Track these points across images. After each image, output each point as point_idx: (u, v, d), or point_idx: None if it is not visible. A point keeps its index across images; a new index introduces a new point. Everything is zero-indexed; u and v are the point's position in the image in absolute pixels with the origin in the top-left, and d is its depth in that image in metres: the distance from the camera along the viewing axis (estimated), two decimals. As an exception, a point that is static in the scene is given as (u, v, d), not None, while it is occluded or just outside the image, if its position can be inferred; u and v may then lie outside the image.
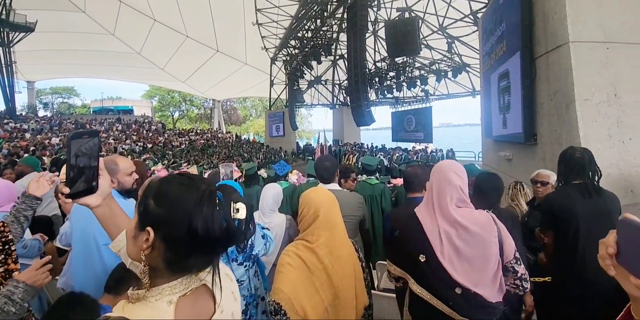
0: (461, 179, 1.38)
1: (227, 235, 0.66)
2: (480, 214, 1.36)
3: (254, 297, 1.66)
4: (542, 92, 3.65)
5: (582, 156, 2.03)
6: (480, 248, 1.29)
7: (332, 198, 1.38)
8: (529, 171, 4.06)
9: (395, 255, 1.50)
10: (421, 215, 1.40)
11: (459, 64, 14.91)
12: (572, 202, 1.93)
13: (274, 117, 23.05)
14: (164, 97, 42.80)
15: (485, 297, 1.26)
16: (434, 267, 1.30)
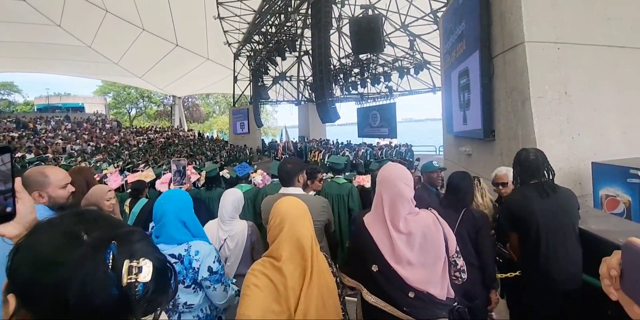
0: (410, 188, 1.39)
1: (117, 308, 0.48)
2: (426, 216, 1.39)
3: (209, 318, 1.54)
4: (499, 90, 3.78)
5: (535, 158, 2.09)
6: (430, 250, 1.35)
7: (300, 210, 1.28)
8: (488, 166, 4.21)
9: (348, 266, 1.50)
10: (370, 225, 1.39)
11: (420, 61, 15.33)
12: (530, 202, 1.99)
13: (238, 114, 22.49)
14: (119, 93, 40.26)
15: (436, 295, 1.32)
16: (387, 275, 1.32)
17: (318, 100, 13.39)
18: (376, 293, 1.35)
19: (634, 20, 3.44)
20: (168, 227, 1.49)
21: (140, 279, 0.49)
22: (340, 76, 17.62)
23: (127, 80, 31.11)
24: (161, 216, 1.52)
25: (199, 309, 1.53)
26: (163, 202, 1.53)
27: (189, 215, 1.56)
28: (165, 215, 1.50)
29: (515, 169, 2.19)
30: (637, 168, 2.78)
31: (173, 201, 1.54)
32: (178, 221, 1.51)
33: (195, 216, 1.59)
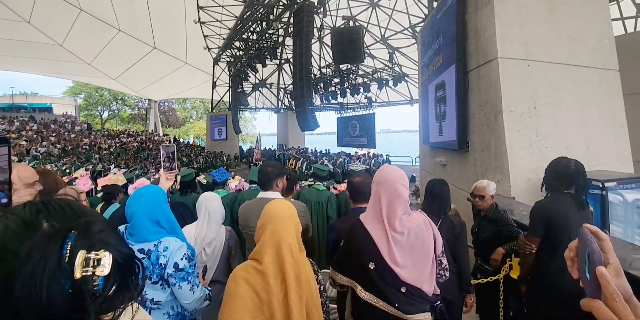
0: (407, 189, 1.47)
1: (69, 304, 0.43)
2: (418, 217, 1.47)
3: (181, 316, 1.50)
4: (473, 102, 3.93)
5: (576, 168, 1.99)
6: (422, 249, 1.42)
7: (286, 213, 1.27)
8: (462, 176, 4.35)
9: (341, 265, 1.51)
10: (368, 224, 1.44)
11: (399, 74, 15.78)
12: (567, 210, 1.89)
13: (216, 119, 22.17)
14: (91, 94, 38.75)
15: (425, 291, 1.40)
16: (383, 272, 1.38)
17: (298, 109, 13.45)
18: (370, 290, 1.40)
19: (596, 41, 3.69)
20: (139, 228, 1.46)
21: (98, 272, 0.45)
22: (321, 85, 17.82)
23: (100, 82, 30.02)
24: (131, 217, 1.49)
25: (169, 306, 1.48)
26: (133, 202, 1.50)
27: (162, 213, 1.51)
28: (135, 215, 1.47)
29: (549, 175, 2.08)
30: (598, 179, 2.95)
31: (144, 201, 1.49)
32: (149, 221, 1.48)
33: (170, 212, 1.55)
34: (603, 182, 2.97)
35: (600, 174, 3.16)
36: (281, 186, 2.03)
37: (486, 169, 3.66)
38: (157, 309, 1.47)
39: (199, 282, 1.54)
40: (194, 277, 1.50)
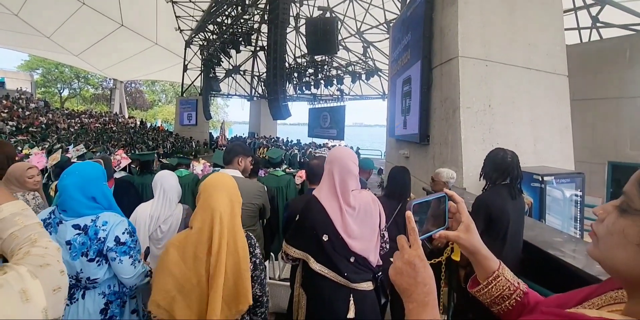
0: (356, 166, 1.59)
1: None
2: (367, 195, 1.62)
3: (117, 295, 1.48)
4: (435, 98, 4.12)
5: (512, 160, 2.05)
6: (370, 222, 1.56)
7: (219, 183, 1.32)
8: (422, 168, 4.56)
9: (295, 239, 1.58)
10: (323, 199, 1.54)
11: (372, 68, 15.96)
12: (504, 202, 1.97)
13: (186, 104, 21.48)
14: (50, 70, 35.99)
15: (371, 261, 1.54)
16: (335, 243, 1.49)
17: (270, 97, 13.33)
18: (322, 261, 1.51)
19: (549, 47, 3.97)
20: (70, 201, 1.40)
21: None
22: (295, 75, 17.71)
23: (61, 58, 27.98)
24: (62, 190, 1.41)
25: (105, 285, 1.46)
26: (65, 176, 1.43)
27: (96, 188, 1.47)
28: (66, 189, 1.40)
29: (487, 167, 2.13)
30: (538, 174, 3.23)
31: (78, 175, 1.43)
32: (83, 196, 1.42)
33: (108, 190, 1.52)
34: (542, 176, 3.25)
35: (541, 169, 3.46)
36: (243, 165, 2.07)
37: (443, 162, 3.87)
38: (93, 288, 1.43)
39: (140, 258, 1.52)
40: (135, 252, 1.48)
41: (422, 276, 0.59)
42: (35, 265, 0.63)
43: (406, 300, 0.60)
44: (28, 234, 0.72)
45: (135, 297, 1.57)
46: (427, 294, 0.58)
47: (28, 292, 0.58)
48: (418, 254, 0.60)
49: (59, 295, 0.64)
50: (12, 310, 0.54)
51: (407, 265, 0.60)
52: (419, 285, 0.58)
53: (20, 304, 0.56)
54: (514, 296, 0.69)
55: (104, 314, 1.41)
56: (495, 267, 0.72)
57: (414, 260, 0.59)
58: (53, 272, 0.66)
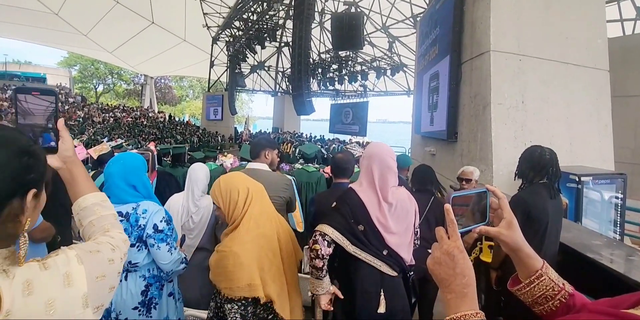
0: (395, 162, 1.60)
1: None
2: (404, 192, 1.62)
3: (156, 279, 1.56)
4: (465, 94, 4.01)
5: (550, 157, 1.97)
6: (405, 219, 1.57)
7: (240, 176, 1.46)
8: (449, 166, 4.47)
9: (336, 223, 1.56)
10: (361, 192, 1.56)
11: (397, 63, 15.69)
12: (543, 201, 1.91)
13: (212, 99, 21.94)
14: (86, 67, 37.80)
15: (404, 258, 1.55)
16: (370, 235, 1.51)
17: (294, 92, 13.39)
18: (356, 245, 1.53)
19: (589, 41, 3.77)
20: (114, 188, 1.50)
21: None
22: (319, 71, 17.67)
23: (96, 54, 29.29)
24: (108, 178, 1.53)
25: (145, 269, 1.55)
26: (111, 164, 1.54)
27: (138, 178, 1.56)
28: (111, 177, 1.51)
29: (523, 165, 2.04)
30: (575, 174, 3.09)
31: (121, 164, 1.54)
32: (125, 184, 1.52)
33: (147, 180, 1.60)
34: (579, 177, 3.10)
35: (578, 169, 3.30)
36: (270, 158, 2.10)
37: (472, 159, 3.77)
38: (134, 271, 1.53)
39: (176, 246, 1.60)
40: (172, 240, 1.56)
41: (461, 267, 0.59)
42: (85, 251, 0.64)
43: (444, 290, 0.60)
44: (103, 223, 0.78)
45: (172, 281, 1.65)
46: (465, 286, 0.59)
47: (71, 277, 0.59)
48: (457, 245, 0.61)
49: (102, 283, 0.63)
50: (54, 293, 0.56)
51: (446, 256, 0.60)
52: (458, 276, 0.59)
53: (62, 288, 0.57)
54: (558, 297, 0.67)
55: (144, 295, 1.50)
56: (539, 266, 0.70)
57: (452, 251, 0.60)
58: (101, 260, 0.66)
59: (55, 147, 0.75)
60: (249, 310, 1.28)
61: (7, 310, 0.50)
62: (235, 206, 1.35)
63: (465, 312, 0.56)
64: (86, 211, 0.79)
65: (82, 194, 0.80)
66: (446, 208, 0.62)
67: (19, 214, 0.57)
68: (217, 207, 1.41)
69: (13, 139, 0.57)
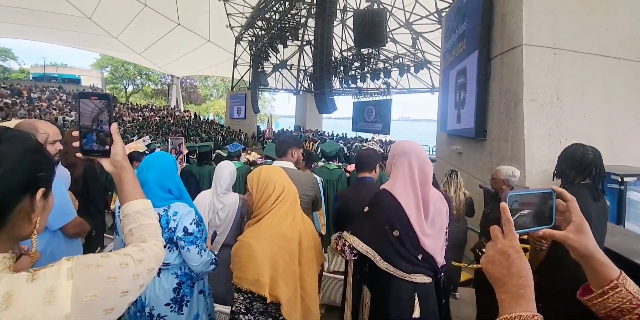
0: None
1: None
2: (435, 191, 1.56)
3: (188, 277, 1.58)
4: (494, 90, 3.87)
5: (593, 157, 1.84)
6: (439, 221, 1.51)
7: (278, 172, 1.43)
8: (477, 164, 4.33)
9: (362, 232, 1.49)
10: (397, 193, 1.45)
11: (421, 60, 15.37)
12: (586, 203, 1.76)
13: (235, 98, 22.31)
14: (117, 68, 39.55)
15: (438, 261, 1.49)
16: (405, 240, 1.42)
17: (316, 91, 13.39)
18: (390, 260, 1.44)
19: (631, 32, 3.53)
20: (150, 194, 1.49)
21: None
22: (341, 69, 17.58)
23: (126, 56, 30.48)
24: (143, 184, 1.51)
25: (177, 267, 1.56)
26: (146, 170, 1.54)
27: (172, 180, 1.57)
28: (147, 183, 1.52)
29: (563, 164, 1.92)
30: (617, 173, 2.90)
31: (157, 169, 1.54)
32: (159, 188, 1.53)
33: (179, 179, 1.61)
34: (622, 177, 2.92)
35: (620, 169, 3.10)
36: (296, 157, 2.09)
37: (502, 158, 3.63)
38: (166, 269, 1.55)
39: (206, 247, 1.61)
40: (201, 242, 1.57)
41: (517, 268, 0.57)
42: (83, 264, 0.58)
43: (498, 290, 0.58)
44: (141, 233, 0.77)
45: (202, 279, 1.67)
46: (522, 286, 0.56)
47: (55, 293, 0.53)
48: (513, 245, 0.58)
49: (93, 303, 0.56)
50: (32, 311, 0.51)
51: (501, 255, 0.58)
52: (513, 276, 0.56)
53: (41, 306, 0.51)
54: (636, 311, 0.61)
55: (176, 292, 1.53)
56: (614, 276, 0.64)
57: (508, 251, 0.58)
58: (98, 276, 0.59)
59: (108, 151, 0.78)
60: (254, 305, 1.25)
61: None
62: (267, 200, 1.33)
63: (521, 313, 0.53)
64: (128, 218, 0.80)
65: (128, 200, 0.81)
66: (502, 206, 0.59)
67: (29, 213, 0.57)
68: (248, 193, 1.39)
69: (24, 139, 0.58)
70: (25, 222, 0.58)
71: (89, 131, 0.77)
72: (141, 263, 0.67)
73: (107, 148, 0.78)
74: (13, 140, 0.56)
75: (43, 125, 1.52)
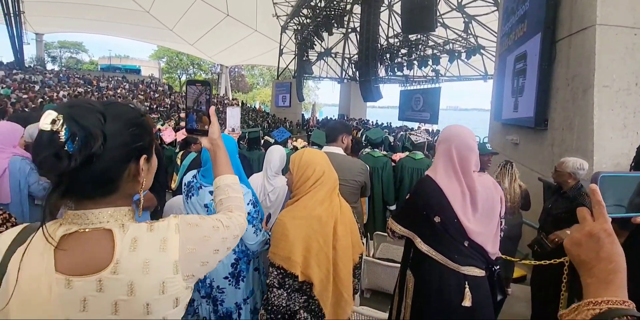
0: (476, 144, 1.48)
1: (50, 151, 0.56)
2: (488, 178, 1.50)
3: (244, 254, 1.65)
4: (559, 76, 3.56)
5: None
6: (490, 208, 1.45)
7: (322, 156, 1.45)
8: (536, 156, 4.05)
9: (402, 217, 1.55)
10: (440, 179, 1.45)
11: (474, 46, 14.43)
12: None
13: (281, 87, 22.68)
14: (172, 58, 42.25)
15: (489, 251, 1.44)
16: (449, 226, 1.40)
17: (361, 79, 13.21)
18: (430, 243, 1.45)
19: None
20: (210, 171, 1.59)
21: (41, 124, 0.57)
22: (387, 56, 17.03)
23: (180, 47, 32.24)
24: (206, 161, 1.62)
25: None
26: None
27: (232, 160, 1.63)
28: (209, 160, 1.54)
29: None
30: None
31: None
32: None
33: (239, 162, 1.67)
34: None
35: None
36: (346, 143, 2.10)
37: (565, 150, 3.37)
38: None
39: (261, 227, 1.67)
40: (257, 222, 1.63)
41: (608, 252, 0.53)
42: (186, 222, 0.69)
43: (584, 274, 0.55)
44: (229, 204, 0.87)
45: (258, 257, 1.75)
46: (612, 272, 0.53)
47: (167, 242, 0.64)
48: (604, 228, 0.55)
49: (193, 255, 0.66)
50: (150, 255, 0.62)
51: (589, 238, 0.55)
52: (602, 261, 0.53)
53: (157, 251, 0.63)
54: None
55: (234, 267, 1.62)
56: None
57: (598, 233, 0.55)
58: (197, 234, 0.69)
59: (207, 130, 0.90)
60: (286, 281, 1.27)
61: (117, 259, 0.60)
62: (305, 182, 1.35)
63: (610, 298, 0.50)
64: (219, 190, 0.90)
65: (220, 174, 0.93)
66: (592, 188, 0.56)
67: (136, 175, 0.67)
68: (289, 173, 1.43)
69: (123, 112, 0.66)
70: (134, 182, 0.68)
71: (192, 112, 0.90)
72: (228, 229, 0.76)
73: (206, 128, 0.90)
74: (116, 116, 0.64)
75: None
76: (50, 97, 15.39)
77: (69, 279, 0.58)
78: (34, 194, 2.24)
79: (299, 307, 1.30)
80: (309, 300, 1.32)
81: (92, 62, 42.30)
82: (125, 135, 0.64)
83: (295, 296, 1.30)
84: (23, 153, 2.24)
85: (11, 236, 0.63)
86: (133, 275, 0.60)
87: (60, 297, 0.58)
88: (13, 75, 18.52)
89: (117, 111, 0.65)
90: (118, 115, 0.64)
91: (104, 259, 0.60)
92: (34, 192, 2.23)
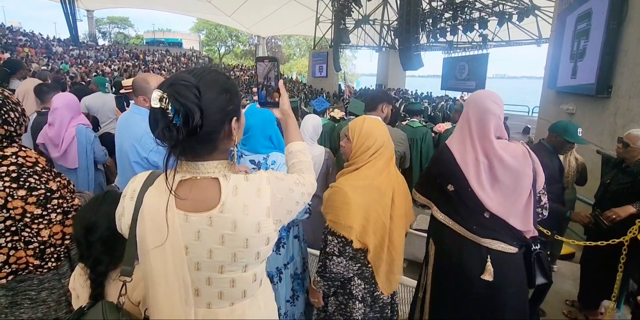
0: (500, 107, 1.35)
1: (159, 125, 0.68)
2: (517, 147, 1.35)
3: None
4: (629, 36, 3.18)
5: None
6: (514, 180, 1.31)
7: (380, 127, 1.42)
8: (594, 127, 3.75)
9: (422, 186, 1.55)
10: (454, 147, 1.40)
11: (527, 6, 13.02)
12: None
13: (317, 57, 22.23)
14: (211, 31, 42.82)
15: (513, 225, 1.33)
16: (463, 196, 1.35)
17: (401, 46, 12.60)
18: (446, 211, 1.42)
19: None
20: (252, 140, 1.64)
21: (152, 103, 0.67)
22: (429, 21, 15.89)
23: (218, 19, 32.33)
24: (248, 129, 1.62)
25: None
26: (250, 117, 1.61)
27: (273, 129, 1.67)
28: (252, 128, 1.62)
29: None
30: None
31: (260, 117, 1.63)
32: (262, 136, 1.64)
33: (278, 130, 1.69)
34: None
35: None
36: (385, 112, 2.07)
37: (631, 120, 3.08)
38: None
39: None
40: None
41: None
42: (274, 176, 0.82)
43: None
44: (300, 166, 0.97)
45: (297, 226, 1.82)
46: None
47: (261, 191, 0.77)
48: None
49: (281, 204, 0.80)
50: (249, 199, 0.76)
51: None
52: None
53: (255, 197, 0.76)
54: None
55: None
56: None
57: None
58: (283, 186, 0.82)
59: (277, 102, 0.99)
60: (346, 249, 1.30)
61: (223, 201, 0.74)
62: (365, 151, 1.35)
63: None
64: (291, 155, 1.00)
65: (291, 140, 1.02)
66: None
67: (230, 134, 0.79)
68: (347, 140, 1.42)
69: (216, 80, 0.76)
70: (229, 139, 0.81)
71: (262, 87, 0.98)
72: (304, 186, 0.88)
73: (277, 100, 0.98)
74: (209, 86, 0.73)
75: (153, 78, 1.78)
76: (103, 71, 16.34)
77: (186, 215, 0.74)
78: (97, 159, 2.47)
79: (353, 275, 1.36)
80: (362, 268, 1.37)
81: (138, 37, 44.09)
82: (220, 101, 0.74)
83: (350, 264, 1.35)
84: (86, 122, 2.45)
85: (143, 178, 0.81)
86: (236, 215, 0.74)
87: (181, 227, 0.74)
88: (70, 50, 19.90)
89: (209, 81, 0.74)
90: (211, 85, 0.73)
91: (213, 200, 0.75)
92: (98, 158, 2.46)
